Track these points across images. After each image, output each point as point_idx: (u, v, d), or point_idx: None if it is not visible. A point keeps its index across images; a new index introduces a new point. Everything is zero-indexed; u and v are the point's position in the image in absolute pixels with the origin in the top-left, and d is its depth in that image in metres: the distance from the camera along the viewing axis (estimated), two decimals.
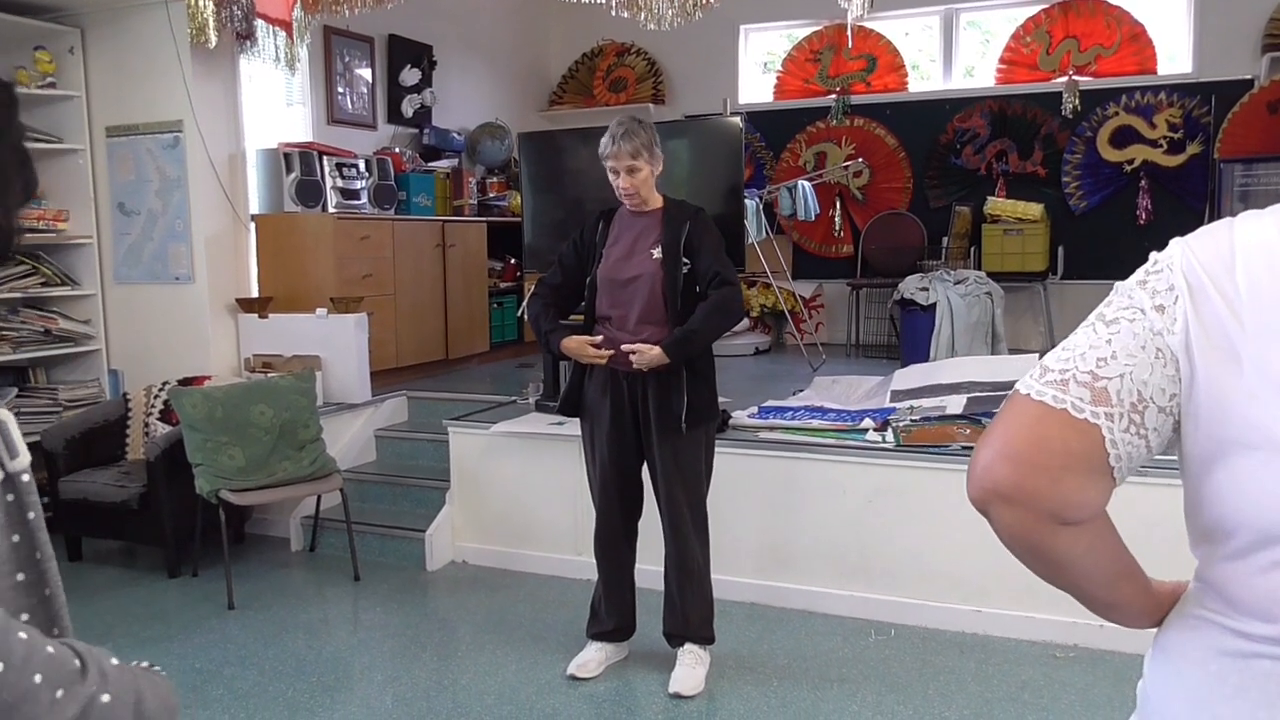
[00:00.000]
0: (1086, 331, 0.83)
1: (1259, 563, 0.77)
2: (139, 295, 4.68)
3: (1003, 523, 0.82)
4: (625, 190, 2.80)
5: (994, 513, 0.81)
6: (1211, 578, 0.83)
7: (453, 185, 6.05)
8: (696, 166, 4.64)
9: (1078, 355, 0.81)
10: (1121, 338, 0.80)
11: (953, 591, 3.30)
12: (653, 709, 2.80)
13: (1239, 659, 0.80)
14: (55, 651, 0.69)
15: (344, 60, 5.68)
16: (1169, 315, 0.79)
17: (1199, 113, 6.06)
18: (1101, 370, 0.79)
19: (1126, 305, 0.82)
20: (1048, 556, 0.84)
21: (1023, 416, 0.81)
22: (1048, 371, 0.81)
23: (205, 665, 3.11)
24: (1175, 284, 0.80)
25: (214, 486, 3.62)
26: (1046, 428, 0.79)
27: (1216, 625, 0.82)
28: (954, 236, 6.43)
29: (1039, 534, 0.82)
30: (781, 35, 7.24)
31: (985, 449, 0.82)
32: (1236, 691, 0.79)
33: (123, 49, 4.53)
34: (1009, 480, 0.79)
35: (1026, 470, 0.79)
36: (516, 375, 5.33)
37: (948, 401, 3.59)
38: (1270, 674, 0.77)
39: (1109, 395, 0.78)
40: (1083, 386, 0.79)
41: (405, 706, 2.84)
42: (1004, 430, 0.81)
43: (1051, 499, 0.79)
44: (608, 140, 2.76)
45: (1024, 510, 0.80)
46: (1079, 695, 2.83)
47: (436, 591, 3.81)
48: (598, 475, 2.94)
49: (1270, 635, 0.77)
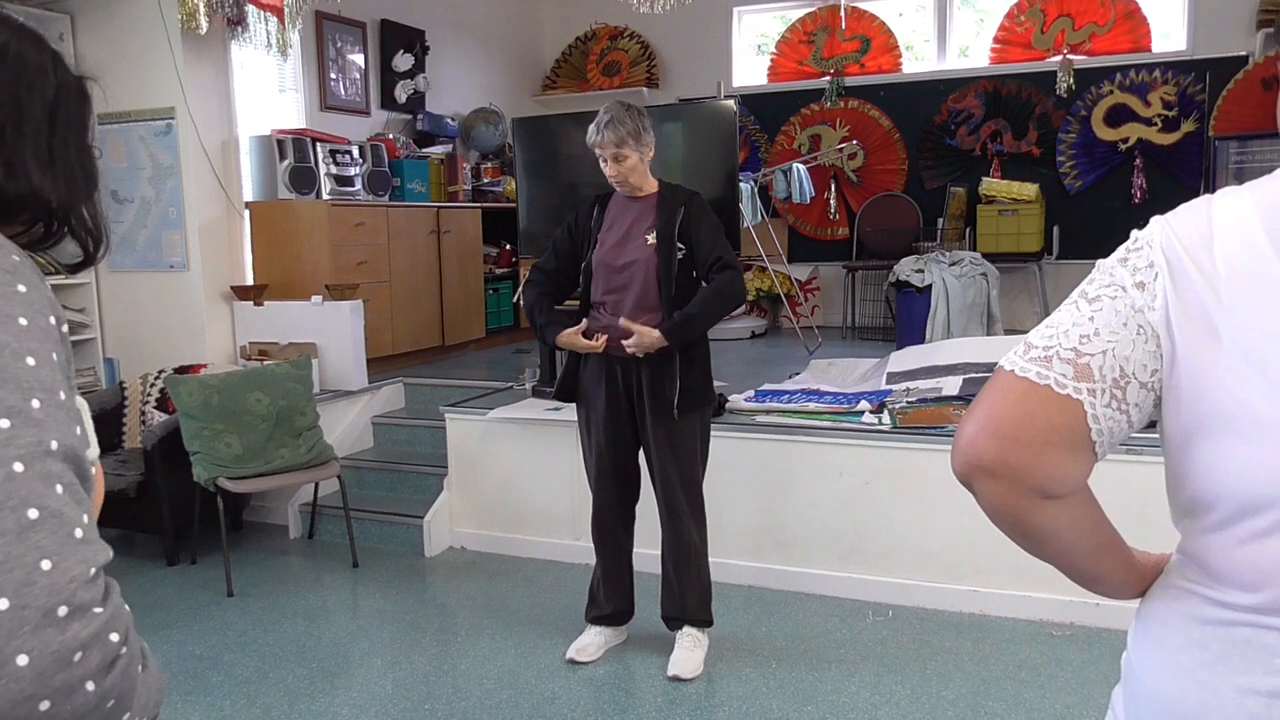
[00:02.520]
0: (1069, 309, 0.84)
1: (1238, 534, 0.78)
2: (134, 283, 4.66)
3: (986, 496, 0.83)
4: (614, 178, 2.80)
5: (978, 486, 0.83)
6: (1193, 550, 0.84)
7: (447, 171, 6.03)
8: (691, 150, 4.63)
9: (1060, 332, 0.82)
10: (1104, 315, 0.81)
11: (949, 572, 3.32)
12: (652, 692, 2.82)
13: (1219, 627, 0.81)
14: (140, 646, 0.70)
15: (336, 45, 5.64)
16: (1149, 292, 0.80)
17: (1193, 90, 6.04)
18: (1084, 347, 0.80)
19: (1108, 283, 0.83)
20: (1030, 530, 0.85)
21: (1007, 393, 0.82)
22: (1031, 348, 0.82)
23: (205, 652, 3.11)
24: (1155, 261, 0.80)
25: (211, 474, 3.62)
26: (1030, 404, 0.80)
27: (1198, 595, 0.83)
28: (949, 218, 6.42)
29: (1022, 508, 0.83)
30: (775, 17, 7.19)
31: (969, 424, 0.83)
32: (1217, 658, 0.80)
33: (113, 35, 4.49)
34: (992, 455, 0.81)
35: (1010, 445, 0.80)
36: (513, 361, 5.32)
37: (944, 383, 3.60)
38: (1249, 640, 0.78)
39: (1091, 371, 0.79)
40: (1065, 363, 0.80)
41: (405, 692, 2.85)
42: (988, 406, 0.83)
43: (1034, 473, 0.81)
44: (593, 129, 2.76)
45: (1007, 484, 0.81)
46: (1075, 673, 2.86)
47: (435, 577, 3.82)
48: (594, 460, 2.94)
49: (1250, 604, 0.78)
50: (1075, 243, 6.27)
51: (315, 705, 2.77)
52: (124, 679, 0.67)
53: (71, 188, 0.81)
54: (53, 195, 0.80)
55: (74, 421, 0.71)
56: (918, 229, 6.58)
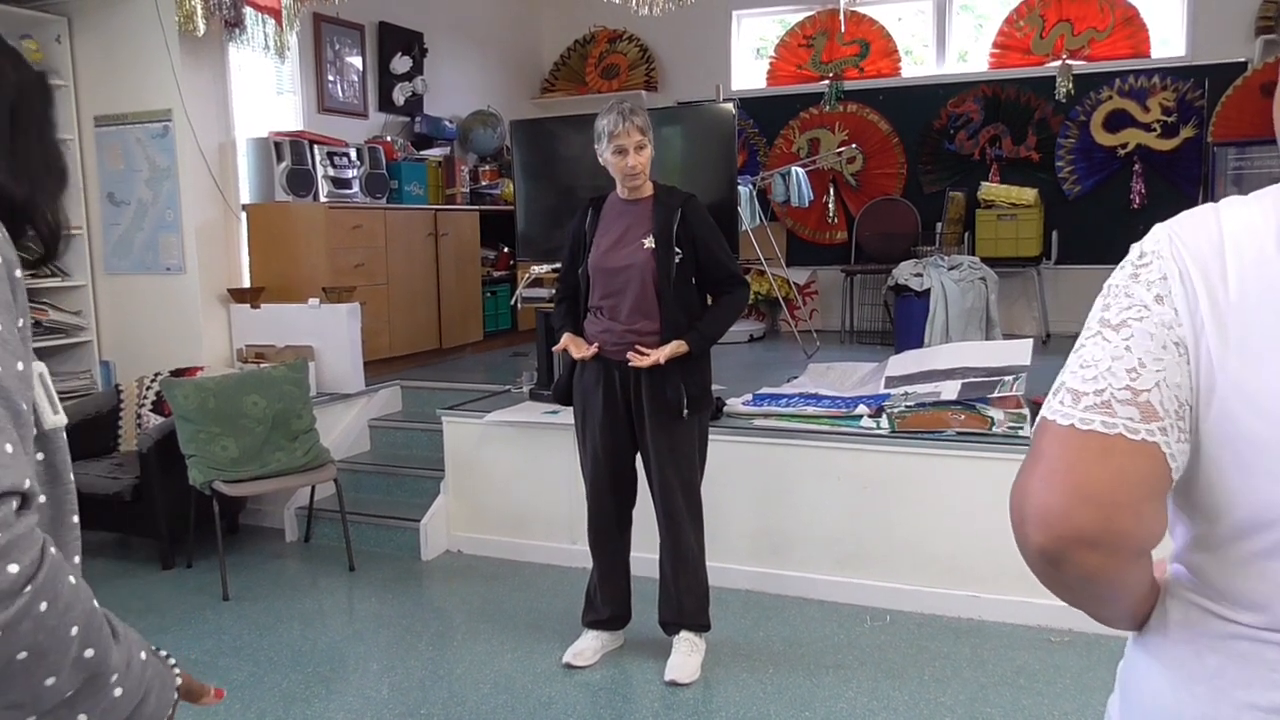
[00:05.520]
0: (1098, 343, 0.77)
1: (1240, 552, 0.77)
2: (130, 286, 4.65)
3: (1083, 568, 0.76)
4: (633, 169, 2.74)
5: (1075, 559, 0.75)
6: (1194, 564, 0.82)
7: (445, 174, 6.02)
8: (689, 153, 4.62)
9: (1104, 371, 0.75)
10: (1139, 341, 0.76)
11: (948, 577, 3.30)
12: (649, 697, 2.81)
13: (1220, 640, 0.79)
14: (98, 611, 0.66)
15: (334, 48, 5.64)
16: (1169, 305, 0.76)
17: (1192, 96, 6.04)
18: (1137, 383, 0.74)
19: (1128, 304, 0.78)
20: (1119, 591, 0.80)
21: (1083, 452, 0.74)
22: (1080, 396, 0.75)
23: (200, 657, 3.10)
24: (1167, 272, 0.77)
25: (207, 478, 3.61)
26: (1114, 459, 0.73)
27: (1198, 608, 0.82)
28: (948, 222, 6.42)
29: (1119, 572, 0.77)
30: (774, 21, 7.19)
31: (1046, 491, 0.75)
32: (1217, 672, 0.79)
33: (110, 37, 4.49)
34: (1095, 524, 0.74)
35: (1111, 510, 0.74)
36: (510, 364, 5.31)
37: (942, 387, 3.57)
38: (1250, 655, 0.77)
39: (1155, 409, 0.74)
40: (1126, 405, 0.74)
41: (401, 696, 2.83)
42: (1068, 470, 0.75)
43: (1139, 534, 0.75)
44: (616, 119, 2.70)
45: (1108, 552, 0.75)
46: (1074, 679, 2.85)
47: (431, 581, 3.81)
48: (590, 465, 2.93)
49: (1254, 623, 0.77)
50: (1074, 248, 6.27)
51: (311, 710, 2.76)
52: (38, 629, 0.60)
53: (35, 185, 0.81)
54: (17, 192, 0.79)
55: (14, 357, 0.68)
56: (916, 233, 6.57)
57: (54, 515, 0.76)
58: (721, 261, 2.82)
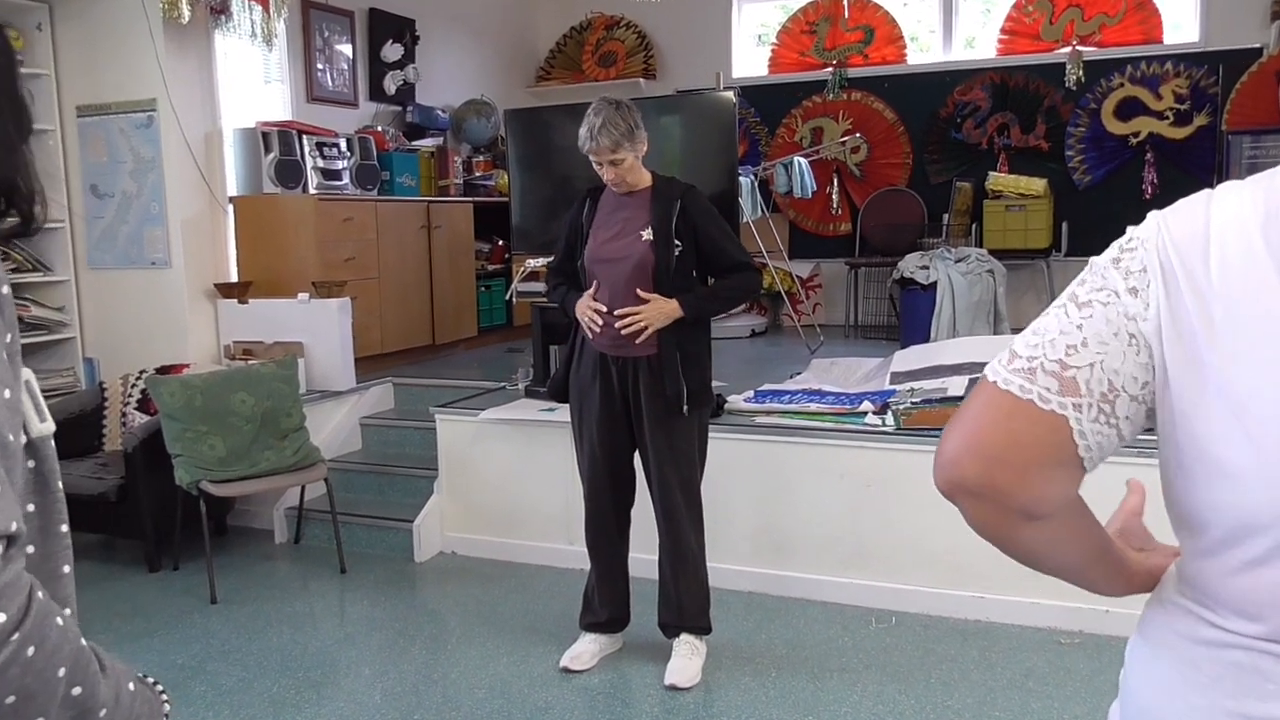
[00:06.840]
0: (1057, 314, 0.80)
1: (1233, 561, 0.76)
2: (114, 281, 4.59)
3: (971, 515, 0.83)
4: (611, 181, 2.77)
5: (961, 505, 0.83)
6: (1189, 571, 0.83)
7: (437, 164, 5.98)
8: (689, 143, 4.59)
9: (1046, 341, 0.79)
10: (1093, 323, 0.78)
11: (954, 577, 3.27)
12: (648, 701, 2.78)
13: (1213, 649, 0.79)
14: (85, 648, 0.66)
15: (323, 35, 5.57)
16: (1142, 299, 0.76)
17: (1206, 83, 5.96)
18: (1070, 359, 0.77)
19: (1100, 286, 0.79)
20: (1015, 548, 0.86)
21: (990, 409, 0.80)
22: (1015, 358, 0.80)
23: (187, 661, 3.08)
24: (1149, 265, 0.77)
25: (194, 477, 3.58)
26: (1015, 421, 0.78)
27: (1193, 615, 0.82)
28: (955, 213, 6.36)
29: (1007, 527, 0.83)
30: (776, 6, 7.13)
31: (952, 438, 0.81)
32: (1211, 681, 0.79)
33: (93, 25, 4.42)
34: (976, 476, 0.79)
35: (994, 466, 0.79)
36: (505, 360, 5.26)
37: (949, 383, 3.57)
38: (1243, 664, 0.77)
39: (1078, 385, 0.77)
40: (1050, 376, 0.77)
41: (394, 701, 2.81)
42: (971, 421, 0.81)
43: (1019, 495, 0.80)
44: (585, 135, 2.70)
45: (991, 505, 0.81)
46: (1084, 683, 2.81)
47: (425, 583, 3.78)
48: (588, 463, 2.91)
49: (1249, 633, 0.77)
50: (1084, 239, 6.17)
51: (301, 716, 2.74)
52: (25, 674, 0.60)
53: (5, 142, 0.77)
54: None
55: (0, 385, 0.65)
56: (922, 225, 6.52)
57: (42, 525, 0.75)
58: (726, 250, 2.81)
